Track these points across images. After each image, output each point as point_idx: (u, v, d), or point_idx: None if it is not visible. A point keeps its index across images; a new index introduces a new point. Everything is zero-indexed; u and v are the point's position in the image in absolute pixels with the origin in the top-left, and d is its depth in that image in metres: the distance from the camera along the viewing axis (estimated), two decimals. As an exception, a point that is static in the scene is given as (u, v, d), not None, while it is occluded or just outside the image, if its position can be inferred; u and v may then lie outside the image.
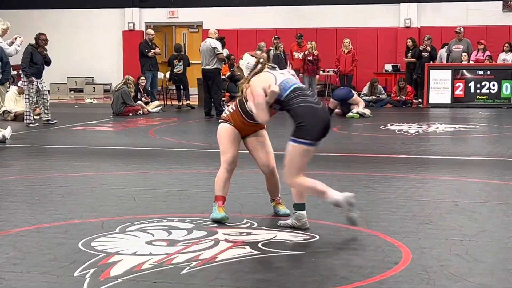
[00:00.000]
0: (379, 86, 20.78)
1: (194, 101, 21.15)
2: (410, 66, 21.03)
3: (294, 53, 21.50)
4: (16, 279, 4.91)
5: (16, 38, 14.58)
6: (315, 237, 5.98)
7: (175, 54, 20.47)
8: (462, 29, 21.11)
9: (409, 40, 21.23)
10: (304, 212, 6.26)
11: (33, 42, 15.61)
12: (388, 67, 22.72)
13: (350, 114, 17.00)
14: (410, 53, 20.94)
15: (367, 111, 17.19)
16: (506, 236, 6.04)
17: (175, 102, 20.84)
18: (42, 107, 15.59)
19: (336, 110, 17.18)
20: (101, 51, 26.61)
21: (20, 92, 16.55)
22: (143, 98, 18.94)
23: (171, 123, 16.38)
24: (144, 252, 5.52)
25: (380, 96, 20.49)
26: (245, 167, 9.70)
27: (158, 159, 10.70)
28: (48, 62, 15.67)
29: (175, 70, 20.19)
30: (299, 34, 21.73)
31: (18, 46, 14.53)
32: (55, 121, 15.67)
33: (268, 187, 6.86)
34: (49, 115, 15.62)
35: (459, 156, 10.92)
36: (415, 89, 20.83)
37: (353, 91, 17.71)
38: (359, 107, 17.14)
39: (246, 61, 6.48)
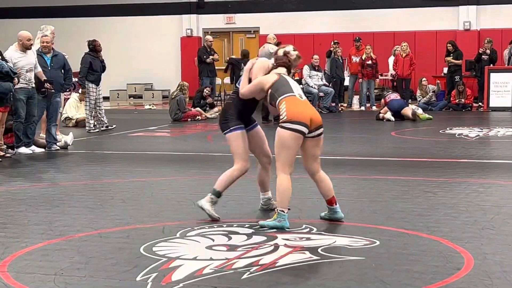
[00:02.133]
0: (429, 86, 20.65)
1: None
2: (451, 69, 20.74)
3: (352, 57, 21.43)
4: (80, 284, 4.99)
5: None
6: (375, 242, 5.95)
7: (242, 59, 20.49)
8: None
9: (449, 44, 20.92)
10: None
11: (87, 50, 15.79)
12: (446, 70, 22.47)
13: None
14: (451, 57, 20.65)
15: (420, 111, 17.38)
16: None
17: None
18: (99, 114, 15.78)
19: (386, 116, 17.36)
20: (159, 58, 26.90)
21: (81, 99, 16.81)
22: (208, 100, 19.09)
23: (229, 129, 16.42)
24: (205, 257, 5.55)
25: (433, 93, 20.40)
26: (303, 172, 9.71)
27: (217, 164, 10.74)
28: (104, 67, 15.88)
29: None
30: (357, 38, 21.64)
31: None
32: (113, 126, 15.89)
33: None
34: (106, 120, 15.83)
35: (494, 159, 10.75)
36: (448, 93, 20.64)
37: (406, 104, 17.93)
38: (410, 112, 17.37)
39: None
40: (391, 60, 21.49)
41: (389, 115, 17.39)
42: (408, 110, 17.49)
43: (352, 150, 12.28)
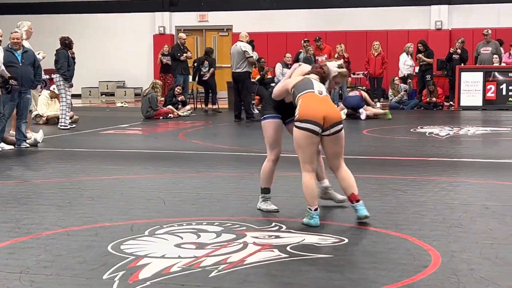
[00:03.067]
0: (400, 85, 20.76)
1: (223, 104, 21.21)
2: (422, 68, 20.83)
3: (317, 56, 21.46)
4: (46, 282, 4.95)
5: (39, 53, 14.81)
6: (344, 240, 5.96)
7: (204, 56, 20.48)
8: (489, 31, 20.95)
9: (419, 44, 21.02)
10: None
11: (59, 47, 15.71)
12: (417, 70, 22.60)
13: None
14: (422, 54, 20.74)
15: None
16: (538, 239, 5.98)
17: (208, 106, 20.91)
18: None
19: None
20: (132, 55, 26.79)
21: (52, 96, 16.70)
22: (180, 98, 19.07)
23: (201, 127, 16.43)
24: (173, 255, 5.53)
25: (405, 92, 20.50)
26: (277, 169, 9.72)
27: (188, 162, 10.73)
28: (74, 63, 15.79)
29: (202, 72, 20.21)
30: (317, 38, 21.74)
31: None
32: (73, 125, 15.88)
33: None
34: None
35: (490, 159, 10.84)
36: (419, 92, 20.75)
37: (363, 102, 17.84)
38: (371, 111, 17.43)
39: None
40: (402, 57, 21.29)
41: (343, 113, 17.38)
42: (371, 110, 17.58)
43: (323, 148, 12.27)
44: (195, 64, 20.52)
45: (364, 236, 6.15)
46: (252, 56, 17.11)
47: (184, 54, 20.53)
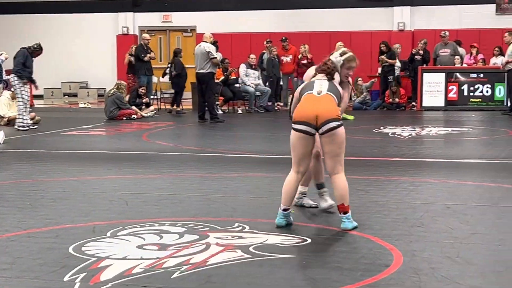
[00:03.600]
0: (363, 85, 20.88)
1: (188, 105, 21.16)
2: (385, 69, 20.99)
3: (282, 57, 21.54)
4: (6, 284, 4.89)
5: (1, 54, 14.68)
6: (307, 240, 5.97)
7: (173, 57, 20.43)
8: (447, 33, 21.16)
9: (382, 45, 21.13)
10: None
11: (26, 46, 15.59)
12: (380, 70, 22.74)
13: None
14: (385, 55, 20.88)
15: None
16: (497, 238, 6.04)
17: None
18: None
19: None
20: (95, 56, 26.59)
21: (13, 96, 16.52)
22: (144, 100, 18.98)
23: (164, 127, 16.36)
24: (135, 257, 5.50)
25: (367, 91, 20.61)
26: (239, 171, 9.73)
27: (151, 163, 10.68)
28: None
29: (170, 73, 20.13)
30: (283, 38, 21.81)
31: (2, 61, 14.69)
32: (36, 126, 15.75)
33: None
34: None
35: (452, 159, 10.93)
36: (382, 92, 20.89)
37: None
38: None
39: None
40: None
41: None
42: None
43: (287, 149, 12.27)
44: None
45: (326, 236, 6.17)
46: (216, 57, 17.08)
47: (148, 55, 20.44)
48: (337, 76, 6.77)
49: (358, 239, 6.04)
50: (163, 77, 20.75)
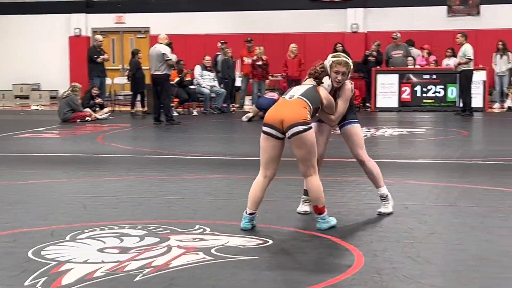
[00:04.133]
0: None
1: (138, 107, 21.04)
2: None
3: (244, 58, 21.53)
4: (-35, 290, 4.81)
5: None
6: (268, 241, 5.98)
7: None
8: (399, 35, 21.39)
9: (338, 45, 21.35)
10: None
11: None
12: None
13: None
14: None
15: None
16: (456, 237, 6.12)
17: (125, 109, 20.71)
18: None
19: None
20: (47, 58, 26.29)
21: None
22: (97, 100, 18.82)
23: (119, 130, 16.25)
24: (96, 260, 5.45)
25: None
26: (196, 172, 9.71)
27: (108, 165, 10.60)
28: None
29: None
30: (249, 39, 21.80)
31: None
32: None
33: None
34: None
35: (407, 159, 11.05)
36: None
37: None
38: None
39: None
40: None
41: (245, 118, 17.56)
42: None
43: (244, 150, 12.33)
44: None
45: (288, 237, 6.18)
46: (171, 59, 17.02)
47: (101, 56, 20.28)
48: (327, 80, 6.75)
49: (319, 240, 6.06)
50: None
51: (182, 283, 4.95)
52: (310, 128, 6.37)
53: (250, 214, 6.41)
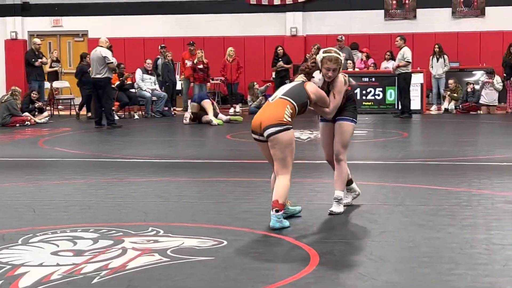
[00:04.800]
0: (259, 88, 21.14)
1: (82, 110, 20.83)
2: (281, 74, 21.34)
3: (186, 61, 21.52)
4: None
5: None
6: (223, 242, 6.01)
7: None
8: (343, 37, 21.64)
9: (279, 48, 21.55)
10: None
11: None
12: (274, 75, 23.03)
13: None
14: (281, 61, 21.25)
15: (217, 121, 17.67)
16: (406, 236, 6.23)
17: (65, 112, 20.47)
18: None
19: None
20: (-18, 61, 25.82)
21: None
22: (37, 104, 18.57)
23: (61, 134, 16.06)
24: (51, 263, 5.40)
25: (262, 96, 20.83)
26: (144, 176, 9.68)
27: (53, 169, 10.48)
28: None
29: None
30: (191, 42, 21.79)
31: None
32: None
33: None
34: None
35: (353, 160, 11.14)
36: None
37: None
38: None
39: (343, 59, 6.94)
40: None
41: (187, 118, 17.68)
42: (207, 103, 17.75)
43: (189, 153, 12.32)
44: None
45: (242, 237, 6.22)
46: (112, 62, 16.90)
47: (39, 60, 20.02)
48: (318, 75, 6.79)
49: (274, 240, 6.11)
50: None
51: (141, 284, 4.95)
52: (287, 129, 6.49)
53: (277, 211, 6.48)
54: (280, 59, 21.29)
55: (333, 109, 6.92)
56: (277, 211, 6.44)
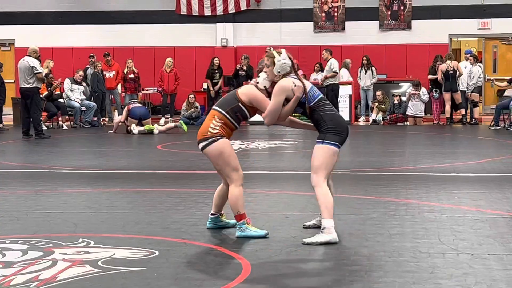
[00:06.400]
0: (195, 102, 21.19)
1: (8, 121, 20.50)
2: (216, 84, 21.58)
3: (105, 72, 21.45)
4: None
5: None
6: (155, 252, 6.00)
7: None
8: (272, 49, 21.77)
9: (216, 59, 21.71)
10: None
11: None
12: (206, 85, 23.06)
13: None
14: (218, 73, 21.41)
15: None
16: (336, 245, 6.30)
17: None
18: None
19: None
20: None
21: None
22: None
23: (-13, 144, 15.76)
24: (-21, 276, 5.32)
25: (195, 108, 20.86)
26: (73, 186, 9.59)
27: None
28: None
29: None
30: (106, 53, 21.77)
31: None
32: None
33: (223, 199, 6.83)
34: None
35: (283, 170, 11.29)
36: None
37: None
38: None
39: (284, 60, 6.61)
40: (343, 71, 21.21)
41: (134, 127, 17.74)
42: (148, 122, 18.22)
43: (120, 164, 12.24)
44: None
45: (173, 248, 6.21)
46: (41, 72, 16.68)
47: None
48: (263, 74, 6.70)
49: (206, 250, 6.14)
50: None
51: (72, 296, 4.92)
52: (213, 141, 6.53)
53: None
54: (216, 71, 21.48)
55: (268, 113, 6.59)
56: (237, 221, 6.59)
